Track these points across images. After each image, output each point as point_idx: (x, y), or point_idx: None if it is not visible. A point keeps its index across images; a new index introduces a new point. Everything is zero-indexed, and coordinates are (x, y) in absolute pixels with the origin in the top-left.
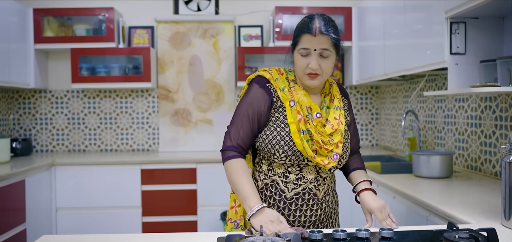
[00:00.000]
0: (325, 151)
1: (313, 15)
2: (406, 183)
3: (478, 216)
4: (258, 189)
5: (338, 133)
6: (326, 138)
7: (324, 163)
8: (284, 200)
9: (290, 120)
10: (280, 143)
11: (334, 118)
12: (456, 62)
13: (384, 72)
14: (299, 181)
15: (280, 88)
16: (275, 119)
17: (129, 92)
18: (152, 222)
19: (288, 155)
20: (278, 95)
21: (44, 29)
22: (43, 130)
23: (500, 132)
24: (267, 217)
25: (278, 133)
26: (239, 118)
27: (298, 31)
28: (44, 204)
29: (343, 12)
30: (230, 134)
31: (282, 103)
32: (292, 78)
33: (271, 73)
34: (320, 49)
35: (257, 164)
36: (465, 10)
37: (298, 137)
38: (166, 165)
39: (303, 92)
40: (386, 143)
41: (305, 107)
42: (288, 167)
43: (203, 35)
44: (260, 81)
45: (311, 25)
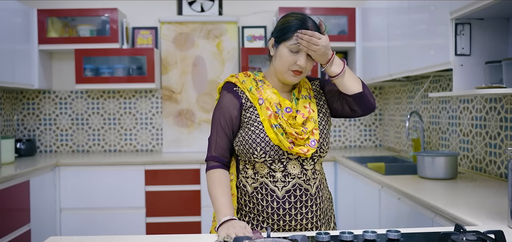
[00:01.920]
0: (301, 141)
1: (305, 16)
2: (411, 184)
3: (485, 218)
4: (248, 195)
5: (310, 120)
6: (300, 128)
7: (303, 151)
8: (276, 200)
9: (262, 117)
10: (256, 140)
11: (304, 107)
12: (461, 64)
13: (388, 73)
14: (287, 177)
15: (247, 89)
16: (247, 120)
17: (132, 93)
18: (156, 222)
19: (266, 150)
20: (246, 97)
21: (48, 30)
22: (47, 130)
23: (505, 133)
24: (232, 226)
25: (252, 132)
26: (214, 128)
27: (292, 28)
28: (48, 205)
29: (347, 12)
30: (210, 144)
31: (252, 103)
32: (259, 78)
33: (237, 77)
34: None
35: (243, 170)
36: (470, 11)
37: (272, 131)
38: (170, 166)
39: (272, 90)
40: (389, 143)
41: (274, 104)
42: (270, 165)
43: (206, 36)
44: (228, 87)
45: (305, 22)
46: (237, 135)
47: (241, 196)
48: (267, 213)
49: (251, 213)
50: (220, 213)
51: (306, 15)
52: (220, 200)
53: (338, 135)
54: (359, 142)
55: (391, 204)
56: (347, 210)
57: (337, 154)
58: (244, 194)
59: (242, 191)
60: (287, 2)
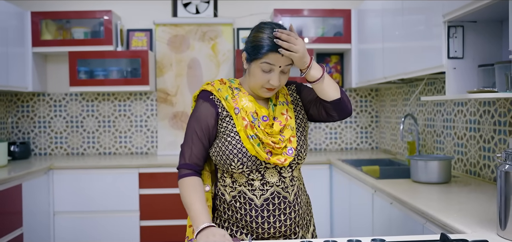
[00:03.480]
0: (278, 150)
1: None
2: (404, 189)
3: (475, 225)
4: (227, 203)
5: (288, 128)
6: (277, 137)
7: (281, 161)
8: (255, 209)
9: (238, 127)
10: (233, 151)
11: (282, 114)
12: (454, 67)
13: (383, 75)
14: (265, 186)
15: (224, 97)
16: (223, 130)
17: (127, 95)
18: (150, 226)
19: (244, 161)
20: (222, 106)
21: (42, 33)
22: (41, 133)
23: (499, 137)
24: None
25: (229, 142)
26: (190, 136)
27: (264, 48)
28: (41, 208)
29: (343, 14)
30: (183, 153)
31: (228, 112)
32: (235, 86)
33: (213, 85)
34: (284, 66)
35: (221, 179)
36: (463, 14)
37: (248, 142)
38: (164, 169)
39: (248, 98)
40: (386, 146)
41: (250, 113)
42: (248, 174)
43: (202, 38)
44: (204, 95)
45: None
46: (214, 145)
47: (219, 204)
48: (245, 221)
49: (229, 220)
50: (198, 220)
51: (275, 27)
52: (197, 206)
53: (334, 137)
54: (355, 144)
55: (384, 209)
56: (342, 214)
57: (333, 157)
58: (223, 202)
59: (220, 199)
60: (282, 3)
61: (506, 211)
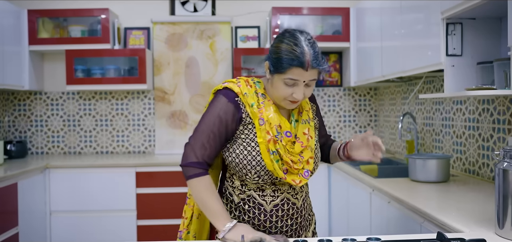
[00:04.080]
0: (295, 170)
1: (300, 42)
2: (402, 188)
3: (473, 224)
4: (235, 204)
5: (308, 149)
6: (296, 157)
7: (295, 182)
8: (264, 213)
9: (260, 139)
10: (251, 163)
11: (303, 134)
12: (453, 64)
13: (381, 74)
14: (276, 192)
15: (249, 104)
16: (244, 137)
17: (125, 94)
18: (147, 225)
19: (261, 174)
20: (247, 112)
21: (39, 31)
22: (38, 132)
23: (498, 135)
24: (243, 229)
25: (248, 152)
26: (206, 133)
27: (287, 62)
28: (37, 207)
29: (341, 13)
30: (195, 149)
31: (251, 120)
32: (261, 91)
33: (240, 86)
34: (308, 81)
35: (229, 179)
36: (461, 11)
37: (268, 157)
38: (161, 168)
39: (273, 108)
40: (384, 145)
41: (274, 126)
42: (261, 184)
43: (199, 37)
44: (229, 95)
45: (302, 57)
46: (230, 149)
47: (226, 203)
48: (253, 224)
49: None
50: (223, 218)
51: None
52: (217, 206)
53: (333, 136)
54: None
55: (382, 208)
56: (340, 213)
57: None
58: (230, 202)
59: (228, 198)
60: (280, 2)
61: (504, 210)
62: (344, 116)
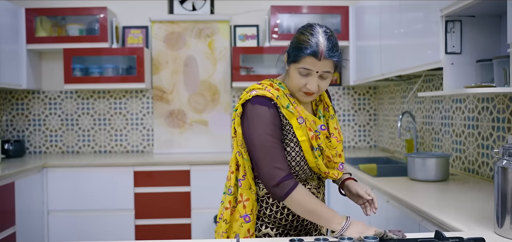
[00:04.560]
0: (333, 164)
1: (316, 31)
2: (401, 187)
3: (472, 223)
4: (259, 197)
5: (340, 142)
6: (334, 151)
7: (335, 176)
8: (287, 207)
9: (302, 138)
10: (295, 159)
11: (335, 129)
12: (452, 62)
13: (380, 72)
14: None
15: (284, 105)
16: (283, 138)
17: (123, 93)
18: (145, 225)
19: (299, 174)
20: (282, 113)
21: (37, 29)
22: (36, 131)
23: (498, 134)
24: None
25: (288, 153)
26: (271, 144)
27: (300, 50)
28: (35, 207)
29: (340, 11)
30: (275, 165)
31: (288, 120)
32: (288, 92)
33: (270, 91)
34: (321, 72)
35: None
36: (460, 8)
37: (310, 154)
38: (159, 167)
39: (301, 106)
40: (384, 144)
41: (311, 122)
42: None
43: (198, 35)
44: (266, 102)
45: (316, 46)
46: None
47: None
48: (274, 218)
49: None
50: (336, 217)
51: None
52: (325, 208)
53: None
54: (353, 143)
55: (381, 207)
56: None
57: None
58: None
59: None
60: (279, 1)
61: (503, 208)
62: (343, 115)
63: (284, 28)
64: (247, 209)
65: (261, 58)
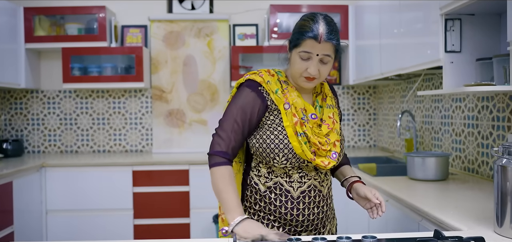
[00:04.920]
0: (323, 152)
1: (317, 17)
2: (400, 186)
3: (471, 223)
4: (260, 194)
5: (334, 131)
6: (323, 138)
7: (324, 164)
8: (291, 200)
9: (286, 123)
10: (279, 146)
11: (329, 118)
12: (451, 61)
13: (380, 71)
14: (303, 178)
15: (273, 90)
16: (270, 123)
17: (122, 92)
18: (143, 224)
19: (289, 157)
20: (271, 99)
21: (35, 29)
22: (35, 130)
23: (497, 133)
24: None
25: (275, 136)
26: (230, 124)
27: (301, 34)
28: (33, 206)
29: (340, 10)
30: (221, 139)
31: (276, 106)
32: (283, 79)
33: (262, 76)
34: (322, 55)
35: (255, 168)
36: (460, 6)
37: (295, 140)
38: (158, 167)
39: (296, 93)
40: (383, 143)
41: (299, 109)
42: (289, 169)
43: (197, 35)
44: (252, 85)
45: (315, 30)
46: (256, 136)
47: (250, 194)
48: (280, 213)
49: (261, 211)
50: (234, 212)
51: (318, 15)
52: (232, 198)
53: None
54: (353, 142)
55: None
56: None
57: None
58: (255, 192)
59: (252, 189)
60: (279, 0)
61: (503, 207)
62: (343, 114)
63: (284, 27)
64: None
65: (260, 57)
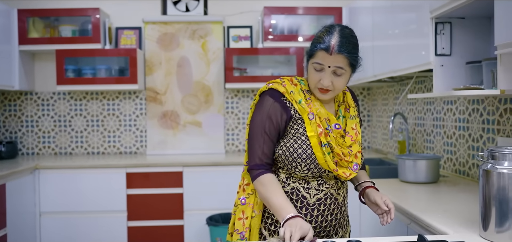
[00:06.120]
0: (345, 163)
1: (333, 29)
2: (391, 189)
3: (458, 226)
4: None
5: (356, 143)
6: (346, 149)
7: (346, 175)
8: (306, 207)
9: (310, 133)
10: (301, 156)
11: (352, 129)
12: (442, 64)
13: (373, 73)
14: (321, 186)
15: (297, 101)
16: (294, 132)
17: (116, 94)
18: (137, 226)
19: (310, 167)
20: (295, 109)
21: (29, 30)
22: (29, 132)
23: (488, 136)
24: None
25: (299, 146)
26: (260, 134)
27: (315, 45)
28: (27, 209)
29: (334, 12)
30: (254, 152)
31: (300, 115)
32: (306, 88)
33: (285, 86)
34: (334, 67)
35: (275, 172)
36: (450, 10)
37: (319, 150)
38: (152, 169)
39: (319, 103)
40: (377, 145)
41: (324, 119)
42: (309, 177)
43: (191, 36)
44: (275, 95)
45: (328, 41)
46: (281, 143)
47: None
48: None
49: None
50: (284, 210)
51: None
52: (280, 199)
53: None
54: None
55: None
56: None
57: None
58: None
59: None
60: (273, 2)
61: (487, 212)
62: None
63: (278, 29)
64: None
65: (254, 59)
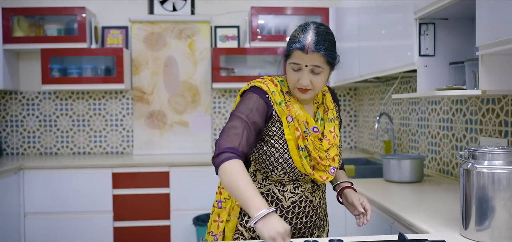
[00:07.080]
0: (322, 167)
1: (307, 27)
2: (376, 188)
3: (439, 225)
4: None
5: (334, 146)
6: (324, 153)
7: (322, 179)
8: (280, 209)
9: (288, 137)
10: (278, 160)
11: (330, 132)
12: (425, 64)
13: (359, 74)
14: (296, 189)
15: (277, 102)
16: (272, 134)
17: (102, 93)
18: (123, 227)
19: (287, 171)
20: (275, 110)
21: (14, 29)
22: (13, 132)
23: (471, 135)
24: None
25: (276, 149)
26: (242, 124)
27: (290, 45)
28: (11, 209)
29: (321, 13)
30: (229, 137)
31: (279, 118)
32: (286, 89)
33: (267, 85)
34: (311, 66)
35: (251, 174)
36: (434, 10)
37: (296, 153)
38: (138, 169)
39: (298, 105)
40: (364, 145)
41: (302, 122)
42: (285, 180)
43: (178, 36)
44: (259, 92)
45: (303, 40)
46: (257, 146)
47: None
48: None
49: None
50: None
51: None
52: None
53: None
54: None
55: None
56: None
57: None
58: None
59: None
60: (260, 2)
61: (467, 210)
62: None
63: (265, 29)
64: (220, 229)
65: (242, 59)
